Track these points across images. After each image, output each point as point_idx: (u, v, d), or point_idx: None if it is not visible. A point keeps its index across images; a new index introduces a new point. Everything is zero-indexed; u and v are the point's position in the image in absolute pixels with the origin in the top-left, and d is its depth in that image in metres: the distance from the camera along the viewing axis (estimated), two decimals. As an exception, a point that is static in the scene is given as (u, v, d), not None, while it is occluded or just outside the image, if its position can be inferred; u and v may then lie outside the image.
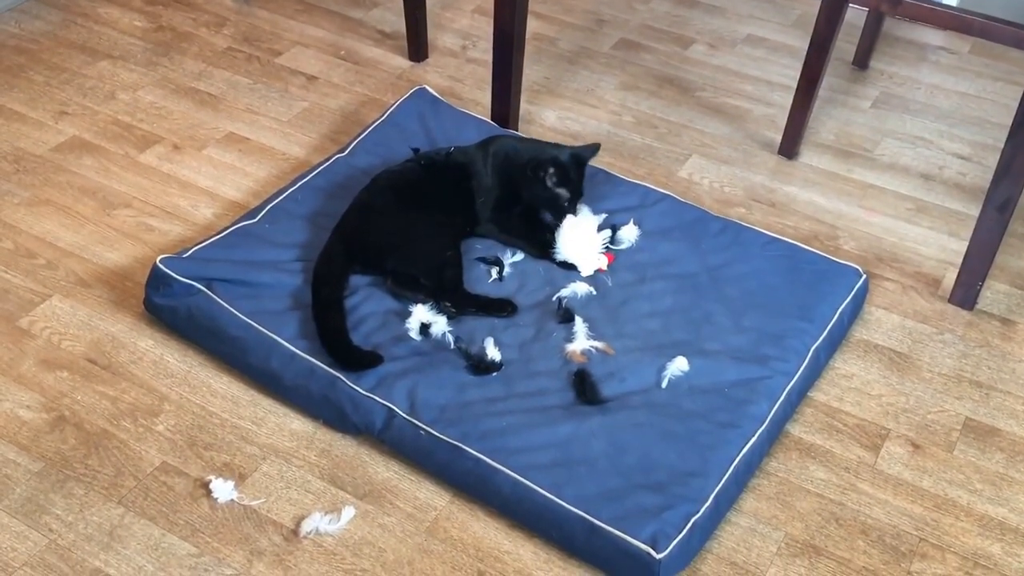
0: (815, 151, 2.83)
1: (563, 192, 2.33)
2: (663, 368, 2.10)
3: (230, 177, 2.63)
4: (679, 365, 2.10)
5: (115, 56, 3.08)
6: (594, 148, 2.43)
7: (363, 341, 2.09)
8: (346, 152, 2.60)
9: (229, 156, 2.70)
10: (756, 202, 2.66)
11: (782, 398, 2.07)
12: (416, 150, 2.45)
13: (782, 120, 2.83)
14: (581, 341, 2.15)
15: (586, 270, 2.30)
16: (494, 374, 2.06)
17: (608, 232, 2.35)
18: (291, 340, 2.11)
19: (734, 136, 2.88)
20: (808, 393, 2.17)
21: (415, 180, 2.37)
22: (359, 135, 2.63)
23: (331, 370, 2.05)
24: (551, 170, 2.31)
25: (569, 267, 2.31)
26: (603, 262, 2.31)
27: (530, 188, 2.34)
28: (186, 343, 2.19)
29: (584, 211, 2.37)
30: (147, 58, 3.07)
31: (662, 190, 2.54)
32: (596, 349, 2.14)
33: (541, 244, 2.33)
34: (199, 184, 2.61)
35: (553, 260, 2.32)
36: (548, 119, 2.91)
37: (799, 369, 2.13)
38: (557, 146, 2.42)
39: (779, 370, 2.11)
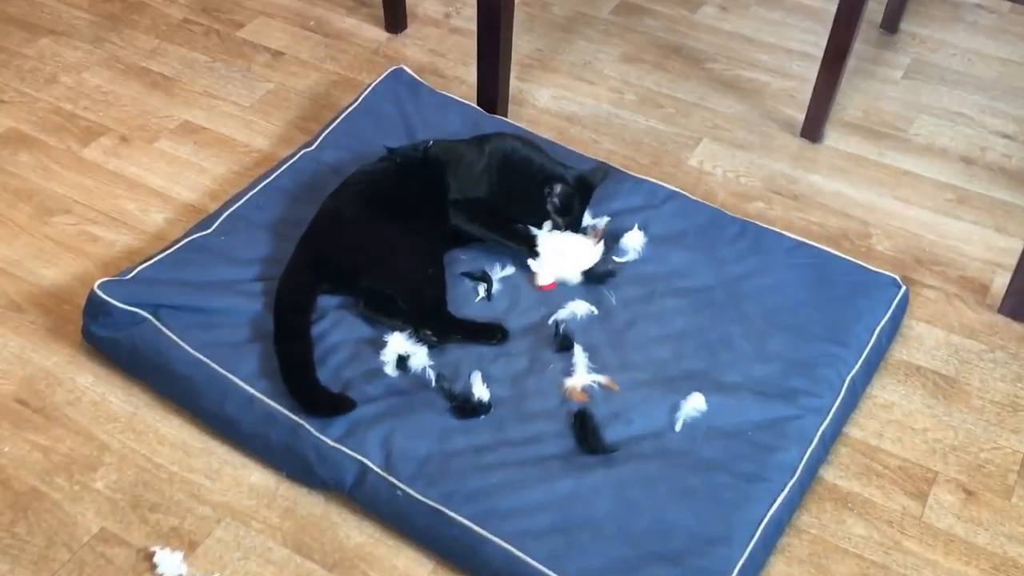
0: (841, 132, 2.55)
1: (560, 220, 2.07)
2: (676, 407, 1.84)
3: (184, 175, 2.37)
4: (695, 403, 1.85)
5: (58, 32, 2.78)
6: (604, 172, 2.16)
7: (332, 377, 1.86)
8: (313, 146, 2.32)
9: (184, 149, 2.43)
10: (776, 194, 2.38)
11: (815, 441, 1.82)
12: (391, 150, 2.17)
13: (803, 95, 2.55)
14: (581, 374, 1.89)
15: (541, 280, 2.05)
16: (482, 417, 1.83)
17: (594, 255, 2.06)
18: (249, 379, 1.85)
19: (750, 116, 2.59)
20: (842, 428, 1.90)
21: (391, 183, 2.10)
22: (328, 125, 2.36)
23: (294, 416, 1.80)
24: (557, 189, 2.05)
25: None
26: (546, 281, 2.04)
27: (526, 202, 2.07)
28: (132, 378, 1.95)
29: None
30: (93, 33, 2.77)
31: (670, 186, 2.27)
32: (599, 384, 1.88)
33: (520, 235, 2.07)
34: (149, 183, 2.34)
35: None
36: (541, 99, 2.63)
37: (833, 405, 1.87)
38: (563, 165, 2.13)
39: (810, 407, 1.86)
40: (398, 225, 2.02)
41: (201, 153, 2.43)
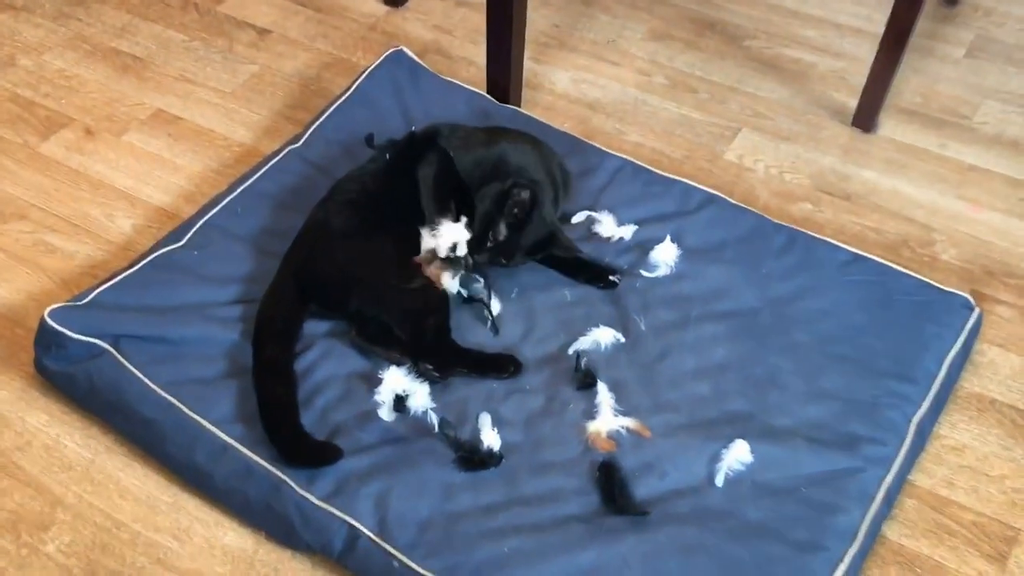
0: (898, 120, 2.29)
1: (502, 229, 1.79)
2: (717, 457, 1.61)
3: (156, 173, 2.15)
4: (738, 454, 1.61)
5: (17, 7, 2.57)
6: (577, 253, 1.87)
7: (319, 420, 1.65)
8: (300, 142, 2.10)
9: (156, 143, 2.22)
10: (826, 194, 2.13)
11: (878, 499, 1.59)
12: (370, 137, 1.96)
13: (855, 78, 2.32)
14: (607, 417, 1.67)
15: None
16: (492, 469, 1.60)
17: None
18: (222, 424, 1.64)
19: (795, 101, 2.34)
20: (907, 475, 1.67)
21: (384, 187, 1.87)
22: (317, 117, 2.15)
23: (274, 469, 1.59)
24: (522, 198, 1.76)
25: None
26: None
27: (486, 192, 1.80)
28: (90, 416, 1.73)
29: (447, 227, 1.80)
30: (57, 8, 2.56)
31: (706, 188, 2.02)
32: (627, 430, 1.65)
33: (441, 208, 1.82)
34: (116, 184, 2.13)
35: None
36: (559, 83, 2.38)
37: (899, 455, 1.64)
38: (555, 222, 1.87)
39: (873, 458, 1.62)
40: (394, 238, 1.82)
41: (175, 147, 2.21)
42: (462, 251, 1.76)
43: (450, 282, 1.77)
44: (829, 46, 2.49)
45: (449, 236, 1.76)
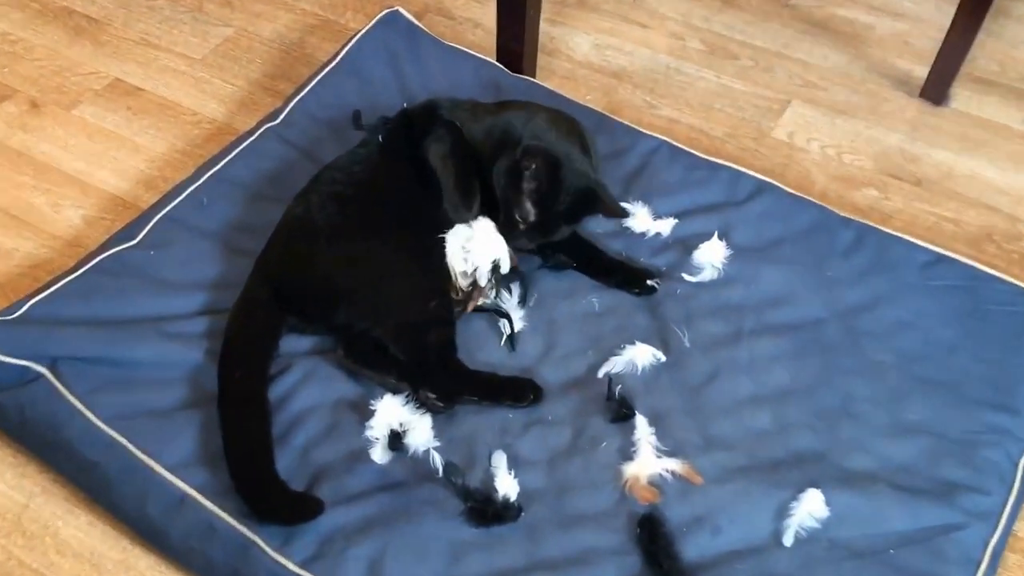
0: (972, 91, 2.10)
1: (529, 209, 1.58)
2: (784, 510, 1.40)
3: (112, 154, 1.99)
4: (810, 506, 1.38)
5: (-42, -39, 2.39)
6: (622, 215, 1.68)
7: (298, 462, 1.45)
8: (279, 119, 1.91)
9: (112, 118, 2.06)
10: (894, 179, 1.93)
11: (984, 562, 1.36)
12: (357, 116, 1.81)
13: (920, 41, 2.14)
14: (647, 459, 1.45)
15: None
16: (508, 524, 1.40)
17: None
18: (179, 469, 1.43)
19: (851, 69, 2.15)
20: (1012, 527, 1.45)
21: (376, 176, 1.67)
22: (300, 90, 1.97)
23: (241, 527, 1.38)
24: (535, 165, 1.56)
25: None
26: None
27: (498, 170, 1.62)
28: (25, 452, 1.54)
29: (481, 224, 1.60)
30: (4, -38, 2.38)
31: (758, 175, 1.80)
32: (672, 474, 1.43)
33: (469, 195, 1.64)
34: (64, 167, 1.97)
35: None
36: (579, 49, 2.21)
37: (1005, 506, 1.42)
38: (592, 177, 1.64)
39: (974, 511, 1.40)
40: (389, 238, 1.60)
41: (135, 124, 2.06)
42: (506, 266, 1.56)
43: (489, 299, 1.60)
44: (887, 5, 2.30)
45: (486, 254, 1.56)
